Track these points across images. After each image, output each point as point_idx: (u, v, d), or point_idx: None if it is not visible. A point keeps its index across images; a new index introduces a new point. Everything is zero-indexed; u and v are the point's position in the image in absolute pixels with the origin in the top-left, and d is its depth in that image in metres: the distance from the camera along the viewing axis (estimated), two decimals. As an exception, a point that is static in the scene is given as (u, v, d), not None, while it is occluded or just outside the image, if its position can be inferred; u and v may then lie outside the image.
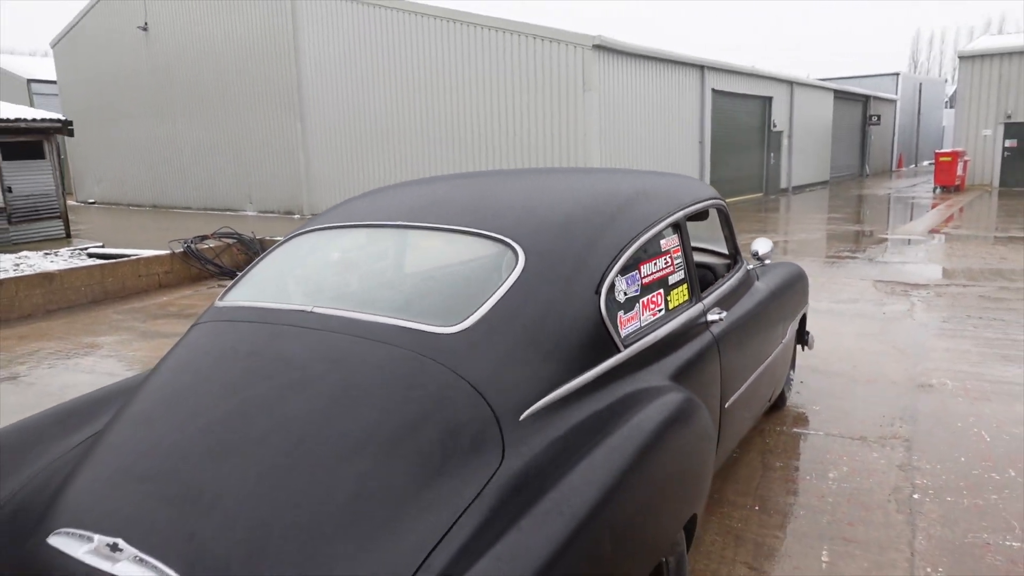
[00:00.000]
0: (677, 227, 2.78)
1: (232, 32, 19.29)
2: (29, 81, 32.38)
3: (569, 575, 1.52)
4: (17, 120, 12.70)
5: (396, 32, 16.02)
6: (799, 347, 4.85)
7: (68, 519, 1.72)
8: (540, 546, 1.50)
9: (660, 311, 2.54)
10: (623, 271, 2.34)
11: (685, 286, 2.77)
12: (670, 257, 2.69)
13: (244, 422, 1.76)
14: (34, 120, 12.92)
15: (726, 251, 3.71)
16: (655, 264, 2.57)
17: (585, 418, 1.96)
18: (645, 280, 2.48)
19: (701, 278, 3.48)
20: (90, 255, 10.35)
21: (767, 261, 3.97)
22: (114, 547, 1.60)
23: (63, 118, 13.36)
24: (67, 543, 1.66)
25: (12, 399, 5.09)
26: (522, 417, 1.85)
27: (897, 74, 35.81)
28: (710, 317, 2.84)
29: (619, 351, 2.21)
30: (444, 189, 2.64)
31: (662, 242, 2.66)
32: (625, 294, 2.35)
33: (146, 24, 21.53)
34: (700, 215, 3.21)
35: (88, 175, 24.44)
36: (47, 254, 10.32)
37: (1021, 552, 2.90)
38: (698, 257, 3.86)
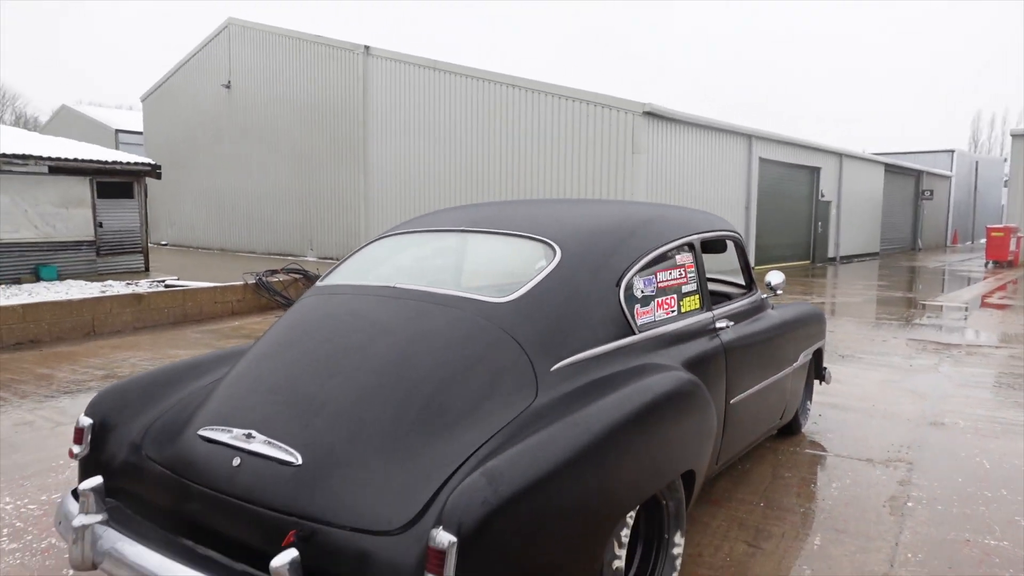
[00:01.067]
0: (692, 247, 3.32)
1: (307, 91, 20.80)
2: (117, 131, 34.94)
3: (581, 471, 2.03)
4: (114, 163, 14.02)
5: (457, 95, 17.15)
6: (817, 382, 5.24)
7: (212, 420, 2.32)
8: (560, 444, 2.03)
9: (672, 312, 3.07)
10: (641, 273, 2.88)
11: (697, 296, 3.29)
12: (684, 271, 3.23)
13: (344, 356, 2.35)
14: (127, 163, 14.22)
15: (742, 282, 4.20)
16: (669, 274, 3.11)
17: (603, 376, 2.49)
18: (660, 284, 3.02)
19: (717, 302, 3.98)
20: (167, 287, 11.31)
21: (779, 292, 4.44)
22: (249, 436, 2.18)
23: (152, 162, 14.65)
24: (213, 434, 2.25)
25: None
26: (552, 369, 2.39)
27: (952, 151, 35.85)
28: (718, 324, 3.34)
29: (634, 334, 2.73)
30: (496, 207, 3.26)
31: (677, 257, 3.20)
32: (642, 292, 2.89)
33: (229, 82, 23.32)
34: (718, 247, 3.75)
35: (163, 218, 26.09)
36: (129, 283, 11.32)
37: (997, 549, 3.24)
38: (717, 287, 4.35)
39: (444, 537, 1.73)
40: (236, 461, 2.16)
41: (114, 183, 14.40)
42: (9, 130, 15.31)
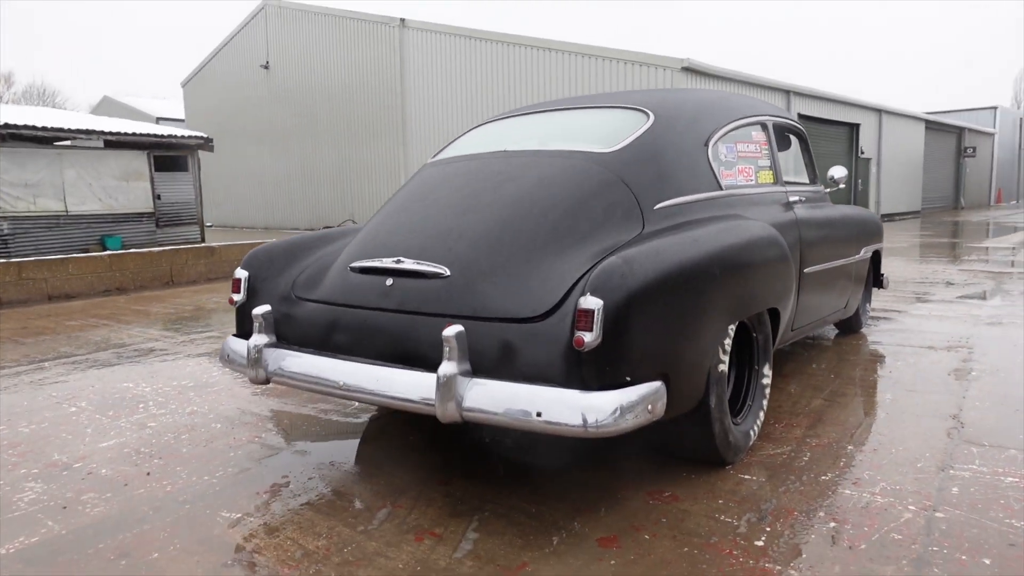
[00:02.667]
0: (765, 127, 3.58)
1: (344, 67, 21.18)
2: (157, 119, 35.81)
3: (694, 273, 2.33)
4: (169, 136, 14.57)
5: (493, 62, 17.37)
6: (875, 289, 5.47)
7: (359, 256, 2.67)
8: (678, 248, 2.33)
9: (751, 180, 3.34)
10: (723, 139, 3.16)
11: (771, 172, 3.55)
12: (759, 147, 3.49)
13: (475, 198, 2.68)
14: (182, 137, 14.76)
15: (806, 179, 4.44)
16: (747, 146, 3.38)
17: (699, 219, 2.78)
18: (740, 153, 3.29)
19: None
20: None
21: (841, 185, 4.67)
22: (398, 261, 2.52)
23: (205, 135, 15.18)
24: (363, 263, 2.60)
25: (213, 308, 6.27)
26: (655, 207, 2.69)
27: (995, 108, 35.05)
28: (791, 198, 3.60)
29: (720, 189, 3.02)
30: (578, 98, 3.56)
31: (753, 134, 3.46)
32: (724, 156, 3.16)
33: (267, 63, 23.81)
34: (785, 142, 4.00)
35: (207, 200, 26.79)
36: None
37: (1060, 398, 3.48)
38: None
39: (592, 300, 2.05)
40: (388, 282, 2.51)
41: (170, 156, 14.97)
42: (67, 113, 15.96)
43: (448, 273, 2.40)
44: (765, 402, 2.97)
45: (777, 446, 2.93)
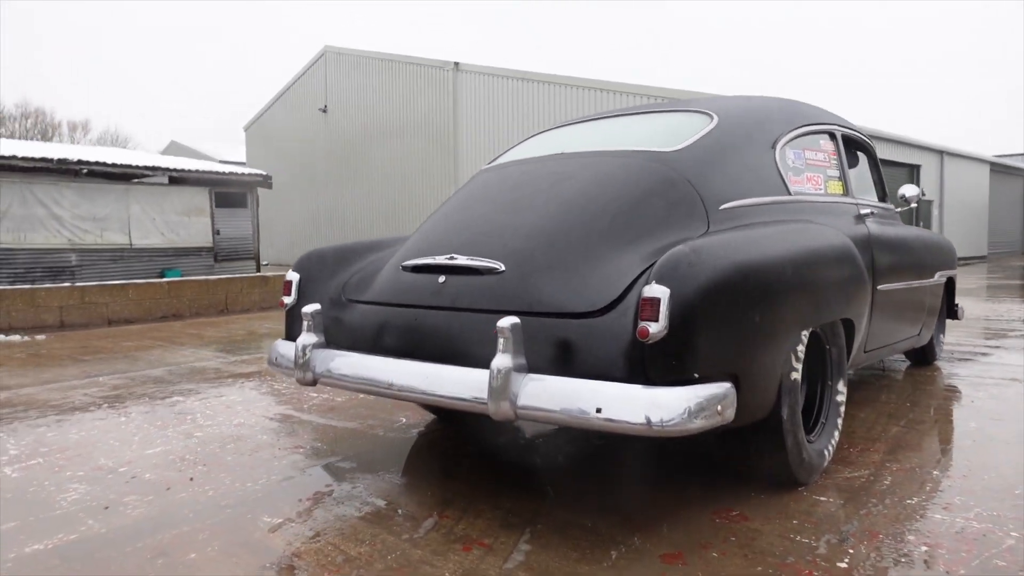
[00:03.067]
0: (834, 137, 3.42)
1: (398, 108, 21.69)
2: (221, 162, 37.21)
3: (766, 271, 2.18)
4: (230, 174, 15.04)
5: (542, 101, 17.55)
6: (948, 321, 5.15)
7: (411, 256, 2.59)
8: (749, 243, 2.18)
9: (820, 189, 3.17)
10: (791, 144, 3.02)
11: (841, 184, 3.38)
12: (828, 156, 3.33)
13: (532, 197, 2.59)
14: (242, 175, 15.22)
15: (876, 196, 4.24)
16: (816, 154, 3.22)
17: (767, 221, 2.63)
18: (808, 161, 3.14)
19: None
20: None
21: (914, 204, 4.44)
22: (451, 258, 2.43)
23: (264, 173, 15.62)
24: (415, 261, 2.52)
25: (266, 333, 6.29)
26: (720, 208, 2.55)
27: (1063, 151, 33.76)
28: (862, 211, 3.41)
29: (789, 194, 2.86)
30: (647, 105, 3.46)
31: (821, 142, 3.31)
32: (792, 162, 3.01)
33: (325, 106, 24.57)
34: (852, 158, 3.83)
35: (264, 239, 27.51)
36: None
37: None
38: None
39: (658, 289, 1.91)
40: (441, 279, 2.41)
41: (230, 193, 15.42)
42: (135, 152, 16.66)
43: (503, 268, 2.30)
44: (840, 421, 2.75)
45: (854, 469, 2.71)
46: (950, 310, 5.05)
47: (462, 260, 2.39)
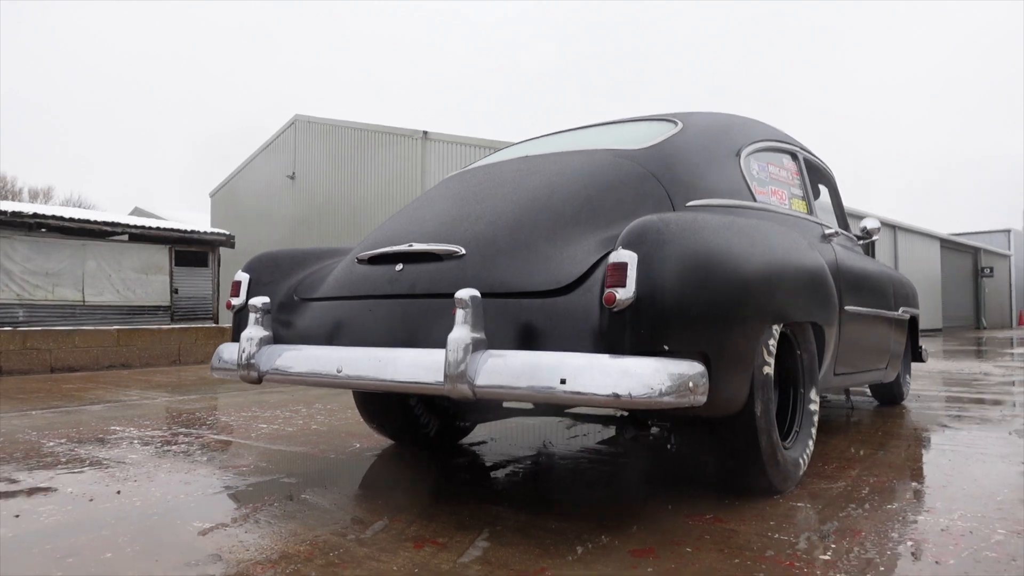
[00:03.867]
0: (796, 158, 3.44)
1: (367, 177, 21.86)
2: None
3: (734, 252, 2.10)
4: (192, 232, 14.82)
5: (514, 169, 17.83)
6: (914, 364, 5.14)
7: (368, 247, 2.47)
8: (717, 224, 2.11)
9: (786, 203, 3.16)
10: (755, 155, 3.01)
11: (805, 203, 3.38)
12: (791, 175, 3.34)
13: (497, 189, 2.51)
14: (205, 233, 15.01)
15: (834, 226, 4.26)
16: (779, 171, 3.22)
17: (735, 219, 2.57)
18: (772, 175, 3.13)
19: None
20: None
21: (875, 237, 4.47)
22: (409, 245, 2.31)
23: (227, 232, 15.43)
24: (370, 253, 2.40)
25: (218, 380, 6.00)
26: (687, 204, 2.49)
27: (1008, 231, 35.28)
28: (827, 231, 3.40)
29: (755, 200, 2.83)
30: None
31: (784, 160, 3.32)
32: (757, 173, 3.00)
33: (293, 173, 24.66)
34: (814, 190, 3.86)
35: (223, 300, 26.99)
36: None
37: None
38: None
39: (625, 253, 1.81)
40: (398, 267, 2.29)
41: (191, 252, 15.15)
42: (94, 211, 16.38)
43: (463, 252, 2.19)
44: (814, 431, 2.64)
45: (831, 482, 2.58)
46: (915, 352, 5.04)
47: (420, 246, 2.28)
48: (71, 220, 12.90)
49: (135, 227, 14.09)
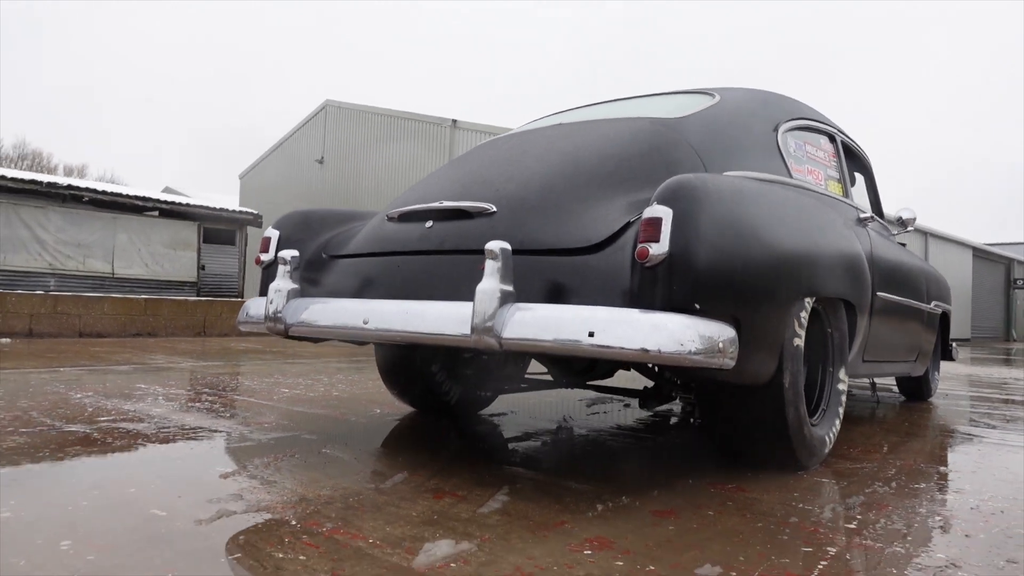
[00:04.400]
0: (834, 140, 3.38)
1: (394, 163, 21.92)
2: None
3: (771, 218, 2.07)
4: (220, 210, 14.98)
5: (542, 160, 17.78)
6: (944, 362, 5.04)
7: (399, 205, 2.47)
8: (754, 188, 2.08)
9: (822, 184, 3.10)
10: (792, 133, 2.96)
11: (841, 186, 3.32)
12: (829, 156, 3.28)
13: (530, 150, 2.50)
14: (233, 211, 15.17)
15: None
16: (816, 151, 3.17)
17: (774, 187, 2.53)
18: (809, 154, 3.08)
19: None
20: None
21: (910, 228, 4.38)
22: (439, 203, 2.31)
23: (255, 212, 15.57)
24: (401, 210, 2.39)
25: (242, 351, 6.07)
26: (723, 175, 2.46)
27: (1043, 243, 34.49)
28: (862, 215, 3.34)
29: (791, 176, 2.79)
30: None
31: (822, 141, 3.26)
32: (794, 151, 2.95)
33: (322, 158, 24.82)
34: (850, 177, 3.79)
35: (250, 281, 27.30)
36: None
37: None
38: None
39: (660, 208, 1.79)
40: (428, 224, 2.29)
41: (219, 230, 15.32)
42: (125, 186, 16.62)
43: (494, 209, 2.18)
44: (841, 411, 2.59)
45: (857, 464, 2.54)
46: (945, 350, 4.94)
47: (451, 203, 2.27)
48: (104, 193, 13.10)
49: (165, 203, 14.28)
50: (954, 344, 4.97)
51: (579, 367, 2.87)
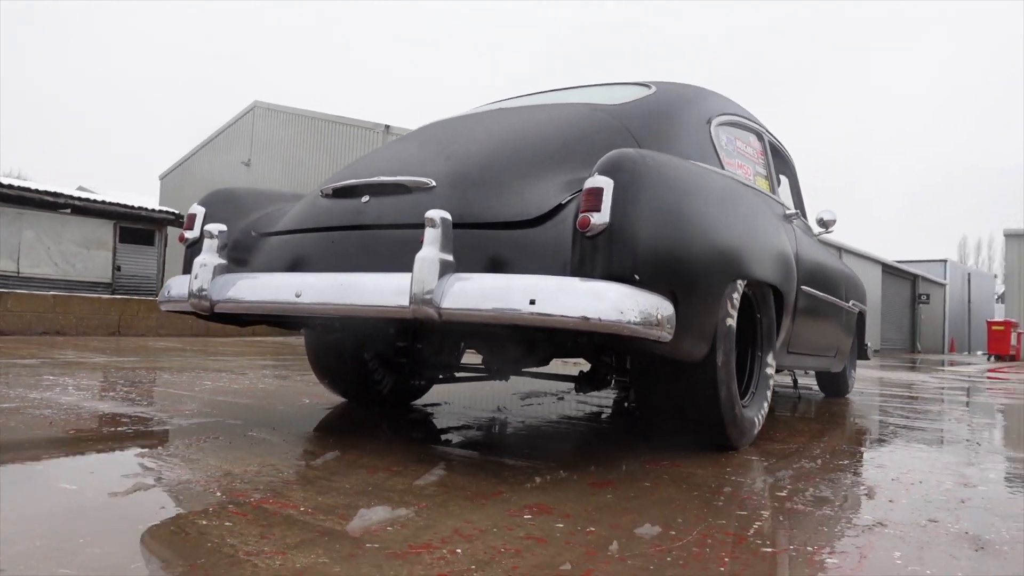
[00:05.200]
0: (762, 139, 3.49)
1: (324, 168, 21.51)
2: (131, 211, 35.72)
3: (705, 201, 2.11)
4: (139, 208, 14.35)
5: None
6: (859, 361, 5.27)
7: (333, 181, 2.40)
8: (689, 170, 2.11)
9: (751, 179, 3.19)
10: (723, 127, 3.04)
11: (768, 183, 3.42)
12: (757, 154, 3.38)
13: (471, 130, 2.48)
14: (152, 210, 14.55)
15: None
16: (746, 146, 3.26)
17: (710, 171, 2.58)
18: (739, 149, 3.17)
19: None
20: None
21: (831, 229, 4.56)
22: (375, 178, 2.25)
23: (176, 211, 14.98)
24: (335, 186, 2.33)
25: (161, 349, 5.79)
26: (658, 160, 2.50)
27: (945, 261, 36.72)
28: (788, 212, 3.45)
29: (723, 168, 2.86)
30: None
31: (751, 138, 3.36)
32: (725, 144, 3.03)
33: (249, 160, 24.13)
34: (776, 176, 3.93)
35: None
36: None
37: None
38: None
39: (601, 179, 1.79)
40: (364, 199, 2.23)
41: (137, 229, 14.67)
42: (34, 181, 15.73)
43: (433, 184, 2.14)
44: (769, 394, 2.66)
45: (783, 444, 2.61)
46: (860, 349, 5.16)
47: (388, 178, 2.22)
48: (10, 187, 12.36)
49: (78, 199, 13.57)
50: (869, 344, 5.20)
51: (515, 353, 2.85)
